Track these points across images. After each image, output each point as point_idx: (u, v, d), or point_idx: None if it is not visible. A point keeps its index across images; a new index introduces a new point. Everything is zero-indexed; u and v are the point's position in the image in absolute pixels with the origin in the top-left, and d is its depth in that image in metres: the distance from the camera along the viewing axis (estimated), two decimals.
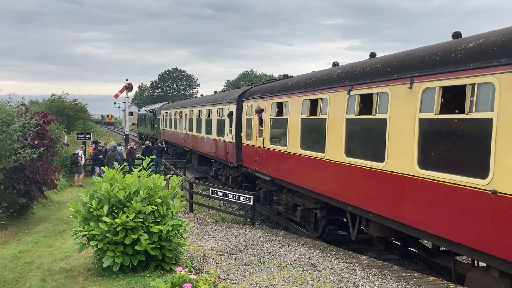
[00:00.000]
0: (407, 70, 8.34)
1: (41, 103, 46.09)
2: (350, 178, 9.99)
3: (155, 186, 8.55)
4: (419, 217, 7.84)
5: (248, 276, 7.91)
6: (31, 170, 14.70)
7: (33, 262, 9.69)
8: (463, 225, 6.89)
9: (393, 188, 8.56)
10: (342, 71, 11.05)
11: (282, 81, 15.60)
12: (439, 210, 7.35)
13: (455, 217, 7.02)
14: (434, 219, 7.46)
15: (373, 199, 9.24)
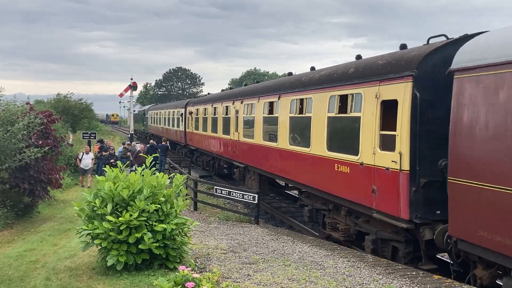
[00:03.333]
0: (322, 83, 12.01)
1: (47, 102, 46.30)
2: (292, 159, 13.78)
3: (158, 185, 8.54)
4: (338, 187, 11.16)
5: (252, 274, 7.89)
6: (36, 169, 14.74)
7: (38, 261, 9.72)
8: (350, 185, 10.47)
9: (310, 164, 12.46)
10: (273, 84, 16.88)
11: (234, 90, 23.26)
12: (342, 177, 10.82)
13: (346, 180, 10.60)
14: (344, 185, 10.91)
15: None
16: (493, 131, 6.79)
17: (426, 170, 8.40)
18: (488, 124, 6.89)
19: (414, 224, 8.48)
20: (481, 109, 7.02)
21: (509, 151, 6.41)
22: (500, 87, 6.71)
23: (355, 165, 10.10)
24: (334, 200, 11.38)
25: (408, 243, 9.10)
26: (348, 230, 11.04)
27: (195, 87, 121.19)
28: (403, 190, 8.52)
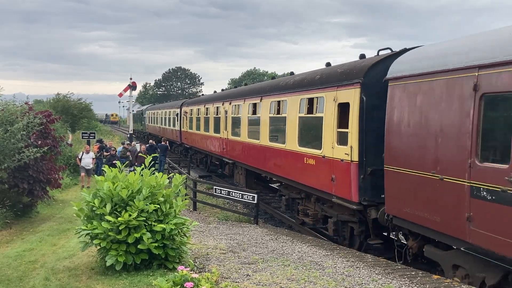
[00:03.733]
0: (295, 87, 13.75)
1: (46, 102, 46.28)
2: (272, 154, 15.39)
3: (158, 185, 8.54)
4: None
5: (251, 274, 7.89)
6: (35, 169, 14.73)
7: (37, 261, 9.71)
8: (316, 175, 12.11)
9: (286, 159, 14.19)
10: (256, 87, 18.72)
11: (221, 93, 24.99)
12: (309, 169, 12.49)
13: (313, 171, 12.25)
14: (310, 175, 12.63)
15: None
16: (413, 128, 8.60)
17: (372, 160, 10.00)
18: (409, 123, 8.68)
19: (363, 206, 10.15)
20: (405, 111, 8.81)
21: (423, 143, 8.27)
22: (417, 93, 8.50)
23: (319, 158, 11.88)
24: (305, 189, 13.07)
25: (361, 223, 10.76)
26: (316, 215, 12.75)
27: (195, 87, 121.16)
28: (353, 177, 10.25)
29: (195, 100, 30.29)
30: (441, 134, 7.87)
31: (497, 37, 7.32)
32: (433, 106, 8.10)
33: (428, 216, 8.12)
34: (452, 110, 7.65)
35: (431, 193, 8.05)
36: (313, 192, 12.55)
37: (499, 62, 6.67)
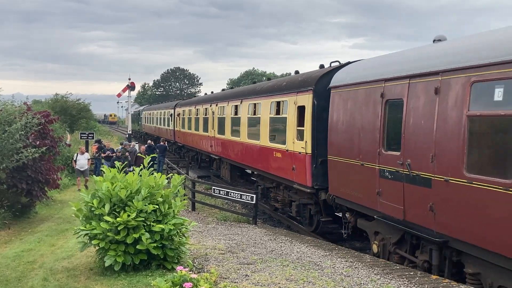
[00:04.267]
0: (267, 92, 16.24)
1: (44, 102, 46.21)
2: (250, 150, 17.68)
3: (156, 185, 8.54)
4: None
5: (250, 275, 7.89)
6: (34, 170, 14.70)
7: (36, 261, 9.70)
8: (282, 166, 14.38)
9: (260, 153, 16.53)
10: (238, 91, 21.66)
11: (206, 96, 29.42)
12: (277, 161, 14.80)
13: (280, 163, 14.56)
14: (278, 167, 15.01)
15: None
16: (345, 126, 10.95)
17: (322, 152, 12.18)
18: (343, 122, 11.05)
19: (316, 189, 12.44)
20: (340, 113, 11.18)
21: (351, 138, 10.60)
22: (348, 99, 10.86)
23: (284, 151, 14.21)
24: (275, 179, 15.43)
25: (316, 205, 13.03)
26: (284, 200, 15.14)
27: (193, 87, 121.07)
28: (308, 167, 12.57)
29: (187, 102, 32.80)
30: (362, 130, 10.17)
31: (397, 57, 9.98)
32: (358, 109, 10.44)
33: (356, 194, 10.46)
34: (369, 112, 9.93)
35: (357, 175, 10.35)
36: (281, 181, 14.93)
37: (394, 77, 9.19)
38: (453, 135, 7.46)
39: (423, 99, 8.30)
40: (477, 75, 7.07)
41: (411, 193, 8.48)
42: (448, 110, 7.63)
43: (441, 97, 7.80)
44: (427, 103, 8.19)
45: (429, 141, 7.98)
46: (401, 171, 8.68)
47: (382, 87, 9.50)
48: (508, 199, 6.40)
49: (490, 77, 6.80)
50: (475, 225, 7.10)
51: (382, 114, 9.42)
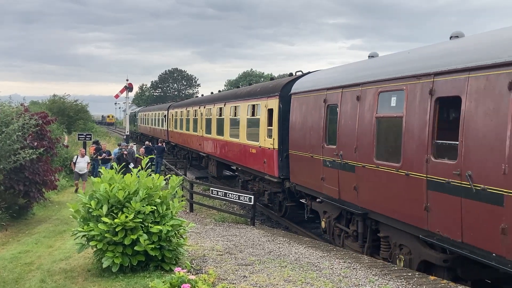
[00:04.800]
0: (245, 96, 18.69)
1: (42, 103, 46.10)
2: (231, 147, 20.06)
3: (154, 186, 8.52)
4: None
5: (248, 276, 7.88)
6: (31, 171, 14.66)
7: (33, 263, 9.66)
8: (256, 161, 16.54)
9: (240, 150, 18.77)
10: (223, 94, 24.52)
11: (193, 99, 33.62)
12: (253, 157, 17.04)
13: (254, 158, 16.76)
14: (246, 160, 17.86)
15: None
16: (300, 125, 13.35)
17: (286, 148, 14.40)
18: (299, 122, 13.42)
19: (281, 179, 14.78)
20: (298, 115, 13.57)
21: (304, 135, 13.00)
22: (303, 103, 13.33)
23: (257, 148, 16.45)
24: (252, 172, 17.68)
25: (283, 192, 15.46)
26: (259, 190, 17.41)
27: (191, 88, 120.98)
28: (275, 160, 14.90)
29: (180, 104, 35.42)
30: (311, 129, 12.59)
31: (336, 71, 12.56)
32: (309, 112, 12.86)
33: (309, 180, 12.83)
34: (316, 114, 12.33)
35: (308, 166, 12.72)
36: (256, 174, 17.18)
37: (332, 87, 11.63)
38: (367, 131, 9.78)
39: (350, 104, 10.63)
40: (382, 87, 9.43)
41: (343, 177, 10.89)
42: (365, 112, 9.93)
43: (361, 103, 10.11)
44: (352, 107, 10.50)
45: (353, 136, 10.33)
46: (337, 161, 11.11)
47: (325, 95, 11.95)
48: (399, 178, 8.68)
49: (389, 88, 9.23)
50: (383, 199, 9.30)
51: (324, 116, 11.95)
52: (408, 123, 8.47)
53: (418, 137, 8.19)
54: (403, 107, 8.64)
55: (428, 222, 7.95)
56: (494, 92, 6.66)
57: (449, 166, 7.40)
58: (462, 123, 7.17)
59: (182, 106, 32.65)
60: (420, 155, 8.07)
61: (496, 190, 6.48)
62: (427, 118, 7.98)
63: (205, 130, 24.65)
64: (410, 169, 8.34)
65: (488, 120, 6.72)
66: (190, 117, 28.88)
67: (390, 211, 9.05)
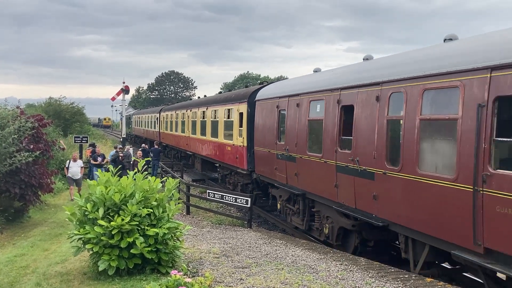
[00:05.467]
0: (222, 101, 21.55)
1: (38, 106, 45.96)
2: (212, 145, 23.00)
3: (151, 189, 8.50)
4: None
5: (245, 278, 7.86)
6: (27, 174, 14.60)
7: (28, 266, 9.62)
8: (231, 157, 19.35)
9: (218, 148, 21.55)
10: (205, 99, 27.56)
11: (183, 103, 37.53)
12: (228, 153, 19.84)
13: (229, 155, 19.52)
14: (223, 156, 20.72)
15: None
16: (261, 126, 16.03)
17: (252, 145, 16.89)
18: (261, 124, 16.12)
19: (250, 172, 17.42)
20: (260, 117, 16.25)
21: (264, 134, 15.62)
22: (263, 108, 16.02)
23: (231, 145, 19.25)
24: (228, 167, 20.46)
25: (252, 183, 18.08)
26: (234, 183, 20.23)
27: (188, 90, 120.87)
28: (244, 156, 17.64)
29: (170, 107, 38.69)
30: (269, 129, 15.36)
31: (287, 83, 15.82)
32: (267, 115, 15.59)
33: (267, 171, 15.56)
34: (272, 117, 15.05)
35: (266, 159, 15.49)
36: (231, 168, 19.97)
37: (282, 96, 14.34)
38: (303, 130, 12.63)
39: (293, 110, 13.39)
40: (312, 97, 12.35)
41: (289, 166, 13.57)
42: (302, 116, 12.76)
43: (299, 109, 12.95)
44: (294, 112, 13.30)
45: (295, 134, 13.11)
46: (284, 154, 13.74)
47: (277, 102, 14.73)
48: (321, 165, 11.50)
49: (316, 98, 12.13)
50: (313, 182, 12.10)
51: (277, 119, 14.62)
52: (326, 124, 11.36)
53: (331, 134, 11.08)
54: (323, 112, 11.49)
55: (338, 196, 10.80)
56: (370, 102, 9.50)
57: (347, 154, 10.34)
58: (354, 124, 10.07)
59: (172, 109, 35.69)
60: (332, 147, 10.99)
61: (370, 169, 9.42)
62: (336, 120, 10.85)
63: (191, 131, 27.68)
64: (327, 158, 11.23)
65: (367, 122, 9.56)
66: (178, 119, 31.73)
67: (318, 191, 11.89)
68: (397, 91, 8.71)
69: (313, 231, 12.81)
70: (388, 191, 8.87)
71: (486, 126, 6.65)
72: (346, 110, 10.57)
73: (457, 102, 7.21)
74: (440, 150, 7.85)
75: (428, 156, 8.00)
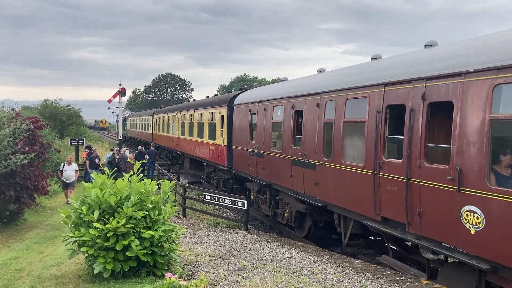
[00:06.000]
0: (207, 105, 23.94)
1: (33, 108, 45.80)
2: (198, 145, 25.44)
3: (146, 191, 8.47)
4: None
5: (241, 281, 7.84)
6: (22, 176, 14.52)
7: (23, 269, 9.57)
8: (214, 155, 21.75)
9: (203, 147, 23.95)
10: (193, 103, 30.92)
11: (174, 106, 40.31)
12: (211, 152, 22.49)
13: (212, 153, 22.05)
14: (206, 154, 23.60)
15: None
16: (238, 128, 18.12)
17: (232, 145, 19.03)
18: (238, 126, 18.19)
19: (229, 168, 19.43)
20: (237, 120, 18.35)
21: (241, 134, 17.63)
22: (240, 112, 18.04)
23: (215, 145, 21.47)
24: (213, 164, 22.54)
25: (232, 179, 20.03)
26: (217, 179, 22.39)
27: (185, 93, 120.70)
28: (225, 154, 19.82)
29: (162, 110, 41.11)
30: (243, 130, 17.40)
31: (259, 91, 18.18)
32: (242, 118, 17.74)
33: (243, 167, 17.50)
34: (246, 120, 17.14)
35: (242, 156, 17.58)
36: (215, 165, 22.03)
37: (253, 101, 16.60)
38: (268, 131, 15.00)
39: (262, 113, 15.66)
40: (275, 103, 14.60)
41: (259, 162, 15.73)
42: (268, 119, 15.08)
43: (266, 112, 15.18)
44: (262, 115, 15.58)
45: (263, 134, 15.36)
46: (255, 151, 15.92)
47: (250, 106, 16.89)
48: (281, 159, 13.74)
49: (277, 104, 14.40)
50: (276, 174, 14.36)
51: (250, 121, 16.73)
52: (284, 126, 13.62)
53: (288, 134, 13.35)
54: (283, 116, 13.73)
55: (293, 184, 13.05)
56: (313, 108, 11.81)
57: (298, 150, 12.60)
58: (303, 125, 12.39)
59: (164, 112, 38.26)
60: (289, 145, 13.26)
61: (313, 161, 11.69)
62: (291, 123, 13.18)
63: (180, 132, 30.12)
64: (285, 154, 13.49)
65: (311, 124, 11.95)
66: (170, 121, 34.13)
67: (280, 181, 14.10)
68: (330, 100, 11.08)
69: (277, 216, 14.87)
70: (325, 178, 11.20)
71: (381, 126, 8.90)
72: (298, 114, 12.95)
73: (365, 108, 9.44)
74: (355, 145, 10.07)
75: (349, 150, 10.32)
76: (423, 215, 7.78)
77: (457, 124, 7.03)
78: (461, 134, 6.96)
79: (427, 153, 7.77)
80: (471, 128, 6.80)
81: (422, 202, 7.78)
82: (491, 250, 6.53)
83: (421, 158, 7.78)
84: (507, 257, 6.25)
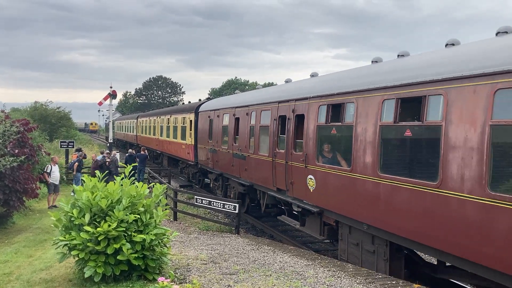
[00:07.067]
0: (180, 111, 28.90)
1: (23, 110, 45.42)
2: (176, 146, 28.94)
3: (138, 195, 8.43)
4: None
5: (233, 285, 7.82)
6: (11, 179, 14.34)
7: (12, 273, 9.45)
8: (185, 152, 26.58)
9: (180, 147, 27.86)
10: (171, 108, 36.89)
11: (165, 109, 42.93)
12: (183, 150, 27.01)
13: (185, 151, 26.41)
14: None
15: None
16: (201, 130, 22.83)
17: (197, 143, 23.20)
18: (201, 128, 23.03)
19: (196, 163, 23.70)
20: (202, 123, 22.92)
21: (204, 135, 22.05)
22: (203, 117, 22.67)
23: (185, 144, 25.46)
24: (184, 161, 26.74)
25: (199, 172, 24.57)
26: (188, 173, 26.89)
27: (176, 96, 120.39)
28: (192, 151, 24.05)
29: (145, 114, 45.40)
30: (204, 132, 21.70)
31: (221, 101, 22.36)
32: (204, 123, 22.05)
33: (204, 161, 21.88)
34: (206, 124, 21.58)
35: (204, 152, 21.86)
36: (186, 161, 26.14)
37: (211, 110, 21.37)
38: (222, 132, 19.00)
39: (215, 118, 20.00)
40: (224, 111, 18.84)
41: (214, 156, 20.23)
42: (219, 122, 19.44)
43: (219, 118, 19.53)
44: (216, 120, 19.79)
45: (216, 135, 19.64)
46: (212, 148, 20.51)
47: (209, 113, 21.34)
48: (227, 154, 18.22)
49: (225, 112, 18.83)
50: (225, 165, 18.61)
51: (208, 125, 21.11)
52: (229, 128, 17.94)
53: (231, 134, 17.71)
54: (228, 121, 18.11)
55: (234, 172, 17.48)
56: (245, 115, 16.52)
57: (237, 146, 17.04)
58: (239, 128, 16.96)
59: (147, 116, 42.87)
60: (231, 142, 17.64)
61: (244, 154, 16.28)
62: (233, 126, 17.53)
63: (159, 134, 34.37)
64: (229, 149, 17.85)
65: (243, 127, 16.49)
66: (151, 124, 38.72)
67: (227, 170, 18.45)
68: (253, 110, 15.87)
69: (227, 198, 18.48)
70: (250, 166, 15.89)
71: (276, 129, 13.84)
72: (237, 120, 17.38)
73: (269, 117, 14.35)
74: (265, 141, 14.63)
75: (262, 145, 14.92)
76: (293, 184, 12.50)
77: (305, 127, 12.00)
78: (307, 133, 11.78)
79: (294, 145, 12.59)
80: (309, 129, 11.75)
81: (293, 175, 12.53)
82: (320, 200, 11.16)
83: (292, 148, 12.64)
84: (328, 203, 10.83)
